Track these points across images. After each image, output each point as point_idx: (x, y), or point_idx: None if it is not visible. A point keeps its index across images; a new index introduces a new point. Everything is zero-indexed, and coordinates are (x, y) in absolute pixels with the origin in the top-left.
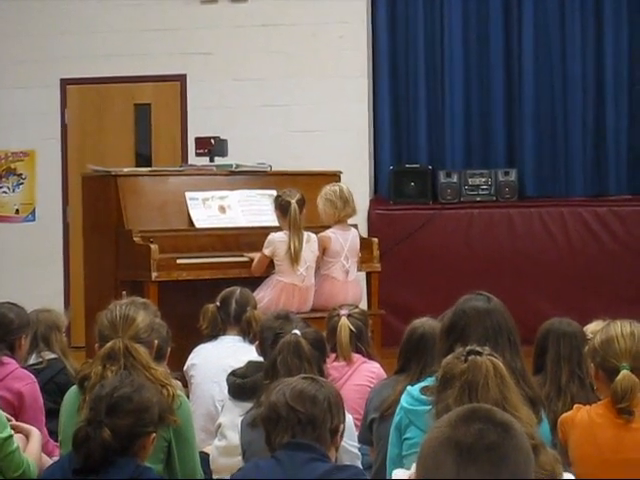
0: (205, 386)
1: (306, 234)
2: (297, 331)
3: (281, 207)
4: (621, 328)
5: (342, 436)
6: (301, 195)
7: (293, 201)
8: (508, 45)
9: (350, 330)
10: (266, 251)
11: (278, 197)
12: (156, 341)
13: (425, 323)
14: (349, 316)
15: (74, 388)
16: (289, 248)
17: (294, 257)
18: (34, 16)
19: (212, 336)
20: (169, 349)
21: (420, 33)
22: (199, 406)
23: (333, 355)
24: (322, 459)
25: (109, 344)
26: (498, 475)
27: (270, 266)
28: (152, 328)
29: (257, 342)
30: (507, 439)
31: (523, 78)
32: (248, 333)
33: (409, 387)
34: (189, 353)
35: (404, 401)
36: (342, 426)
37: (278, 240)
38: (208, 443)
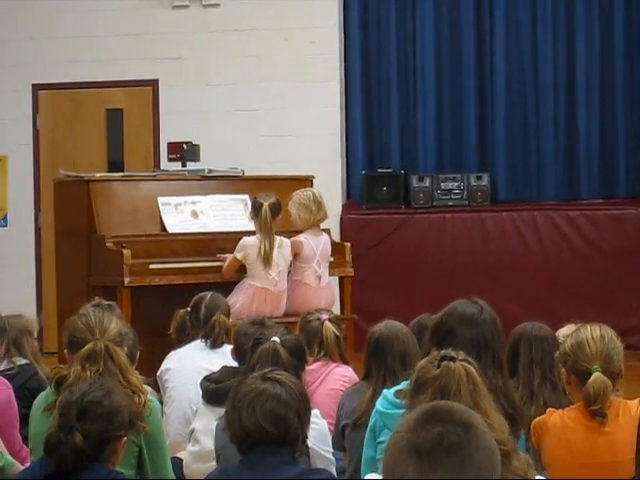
0: (182, 389)
1: (278, 239)
2: (276, 338)
3: (254, 208)
4: (591, 332)
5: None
6: (276, 199)
7: (265, 203)
8: (480, 50)
9: (334, 332)
10: (238, 255)
11: (254, 199)
12: (125, 347)
13: (381, 327)
14: (329, 320)
15: (43, 393)
16: (260, 250)
17: (265, 259)
18: (5, 21)
19: (180, 342)
20: (138, 353)
21: (392, 38)
22: (175, 409)
23: (311, 359)
24: (292, 462)
25: (89, 345)
26: (462, 478)
27: (241, 271)
28: (123, 334)
29: (232, 347)
30: (468, 439)
31: (495, 82)
32: (209, 337)
33: (385, 390)
34: (161, 358)
35: (379, 404)
36: (309, 429)
37: (250, 244)
38: (183, 447)
